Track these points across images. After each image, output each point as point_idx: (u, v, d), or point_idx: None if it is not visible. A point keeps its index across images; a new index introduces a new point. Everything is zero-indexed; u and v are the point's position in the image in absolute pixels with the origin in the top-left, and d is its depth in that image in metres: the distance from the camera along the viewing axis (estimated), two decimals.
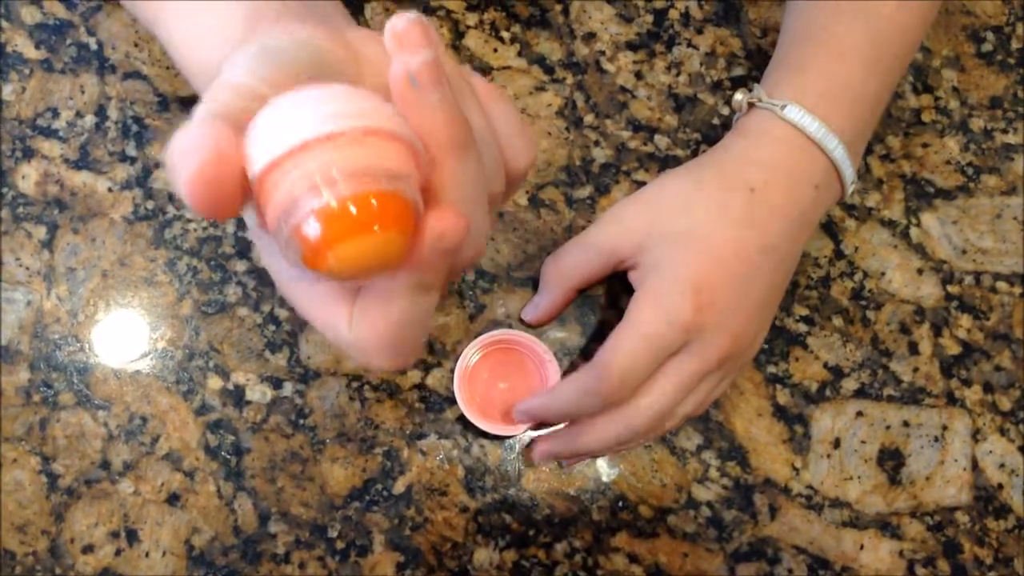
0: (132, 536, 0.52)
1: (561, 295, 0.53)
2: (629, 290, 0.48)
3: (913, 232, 0.58)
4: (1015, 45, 0.62)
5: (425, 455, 0.53)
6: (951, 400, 0.56)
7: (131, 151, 0.56)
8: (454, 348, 0.55)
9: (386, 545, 0.52)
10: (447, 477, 0.53)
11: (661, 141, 0.58)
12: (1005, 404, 0.56)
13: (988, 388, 0.56)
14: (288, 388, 0.54)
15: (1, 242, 0.54)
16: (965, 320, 0.57)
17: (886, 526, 0.54)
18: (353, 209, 0.23)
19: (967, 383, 0.56)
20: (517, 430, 0.52)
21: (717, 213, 0.48)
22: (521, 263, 0.56)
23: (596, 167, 0.57)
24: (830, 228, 0.58)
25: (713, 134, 0.58)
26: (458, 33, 0.59)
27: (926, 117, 0.60)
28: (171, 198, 0.55)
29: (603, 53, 0.59)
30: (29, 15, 0.57)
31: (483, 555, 0.53)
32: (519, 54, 0.59)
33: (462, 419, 0.54)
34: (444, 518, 0.53)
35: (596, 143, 0.58)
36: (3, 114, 0.55)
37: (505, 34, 0.59)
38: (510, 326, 0.55)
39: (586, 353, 0.55)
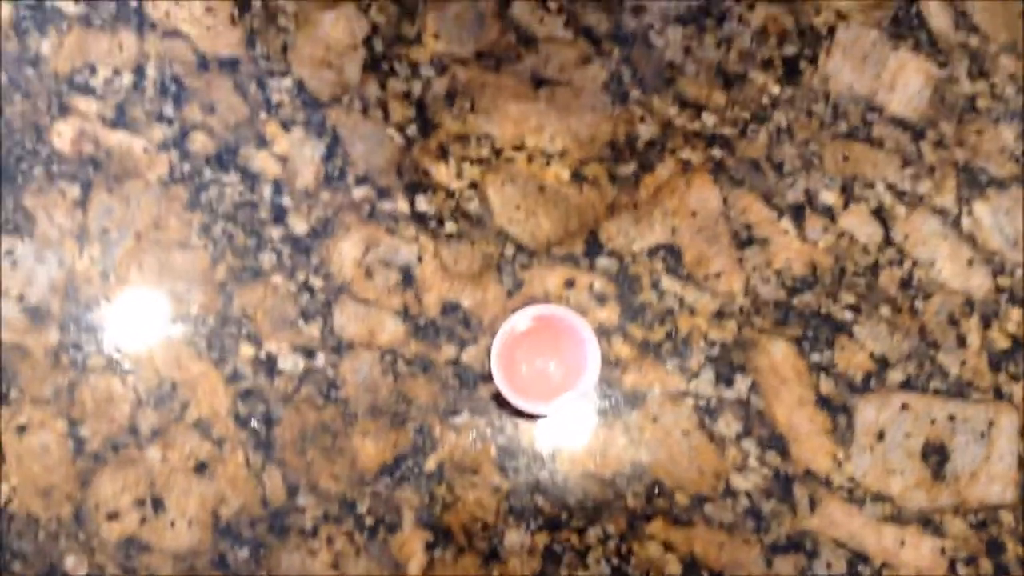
0: (158, 504, 0.51)
1: None
2: (670, 271, 0.46)
3: (965, 221, 0.56)
4: None
5: (458, 432, 0.52)
6: (998, 395, 0.54)
7: (168, 111, 0.54)
8: (491, 324, 0.53)
9: (416, 523, 0.51)
10: (480, 456, 0.52)
11: (709, 119, 0.56)
12: None
13: None
14: (321, 359, 0.52)
15: (35, 200, 0.53)
16: (1015, 313, 0.56)
17: (928, 523, 0.53)
18: None
19: (1015, 378, 0.55)
20: (552, 408, 0.51)
21: None
22: (561, 239, 0.55)
23: (641, 144, 0.56)
24: (880, 214, 0.56)
25: (763, 113, 0.57)
26: (504, 2, 0.57)
27: (981, 104, 0.58)
28: (207, 161, 0.54)
29: (652, 26, 0.57)
30: None
31: (514, 537, 0.51)
32: (566, 24, 0.57)
33: (497, 396, 0.52)
34: (476, 498, 0.52)
35: (642, 119, 0.56)
36: (40, 69, 0.54)
37: (552, 4, 0.57)
38: (549, 303, 0.54)
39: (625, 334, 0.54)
